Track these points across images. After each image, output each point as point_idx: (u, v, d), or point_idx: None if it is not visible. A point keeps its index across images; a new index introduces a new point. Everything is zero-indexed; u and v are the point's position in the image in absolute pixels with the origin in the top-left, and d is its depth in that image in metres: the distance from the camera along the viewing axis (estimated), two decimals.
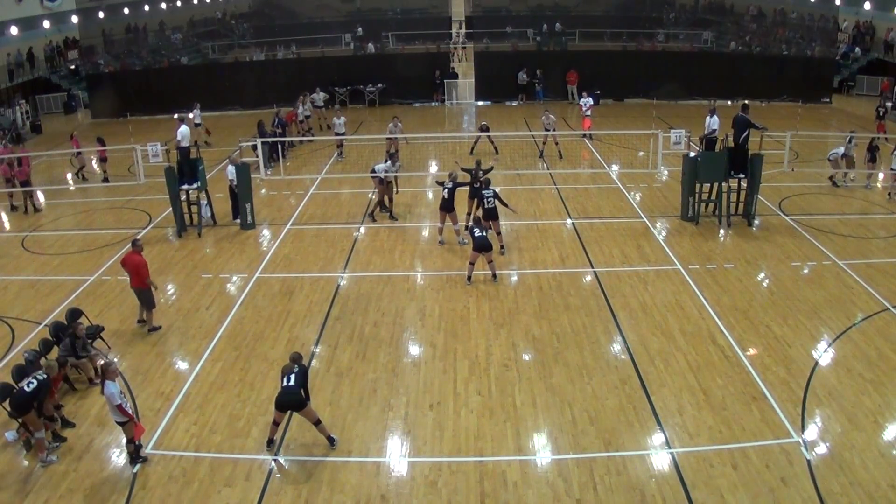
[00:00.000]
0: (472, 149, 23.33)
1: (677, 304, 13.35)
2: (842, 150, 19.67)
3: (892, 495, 8.57)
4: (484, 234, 14.19)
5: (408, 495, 8.86)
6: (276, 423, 9.65)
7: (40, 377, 9.64)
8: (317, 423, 9.60)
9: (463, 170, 17.01)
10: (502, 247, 15.78)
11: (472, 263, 14.37)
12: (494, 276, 14.40)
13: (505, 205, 15.58)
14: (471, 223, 14.84)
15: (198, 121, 26.07)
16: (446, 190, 15.85)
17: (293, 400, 9.41)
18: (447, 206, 15.95)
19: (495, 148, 23.49)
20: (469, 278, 14.37)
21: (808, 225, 17.06)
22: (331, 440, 9.69)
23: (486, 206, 15.41)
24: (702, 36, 37.61)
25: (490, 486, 8.93)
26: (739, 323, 12.67)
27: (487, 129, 23.28)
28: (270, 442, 9.73)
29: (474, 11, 40.59)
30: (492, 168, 17.33)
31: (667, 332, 12.39)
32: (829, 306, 13.22)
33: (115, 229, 18.04)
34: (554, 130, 22.97)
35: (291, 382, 9.42)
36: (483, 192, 15.48)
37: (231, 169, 17.73)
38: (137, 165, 18.94)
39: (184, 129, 17.89)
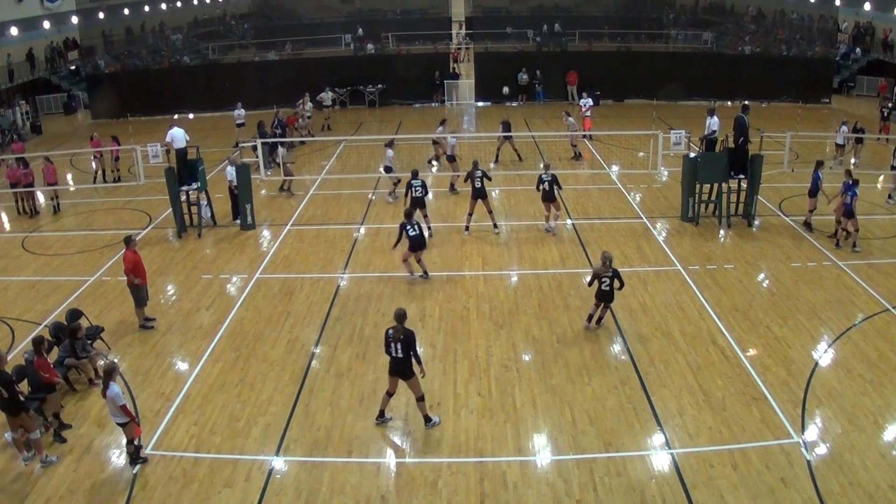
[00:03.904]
0: (517, 153, 23.12)
1: (677, 305, 13.35)
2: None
3: (893, 496, 8.57)
4: (419, 231, 13.99)
5: (408, 496, 8.85)
6: (389, 394, 10.00)
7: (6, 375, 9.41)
8: (420, 398, 9.89)
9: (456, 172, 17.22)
10: (496, 225, 16.76)
11: (405, 261, 14.37)
12: (425, 273, 14.43)
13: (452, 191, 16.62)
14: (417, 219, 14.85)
15: (240, 121, 25.55)
16: (546, 182, 16.20)
17: (402, 369, 9.74)
18: (550, 197, 16.38)
19: (501, 152, 23.38)
20: (411, 272, 14.48)
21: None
22: (427, 419, 9.97)
23: (475, 186, 16.32)
24: (702, 36, 37.64)
25: (490, 487, 8.93)
26: (739, 324, 12.67)
27: (508, 128, 23.03)
28: (381, 414, 10.09)
29: (474, 12, 40.62)
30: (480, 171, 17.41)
31: (667, 333, 12.39)
32: (829, 307, 13.22)
33: (115, 230, 18.01)
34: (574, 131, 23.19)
35: (400, 354, 9.65)
36: (412, 182, 15.95)
37: (230, 170, 17.73)
38: (137, 166, 18.96)
39: (175, 131, 17.75)
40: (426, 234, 15.52)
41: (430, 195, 16.64)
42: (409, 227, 13.87)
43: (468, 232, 16.86)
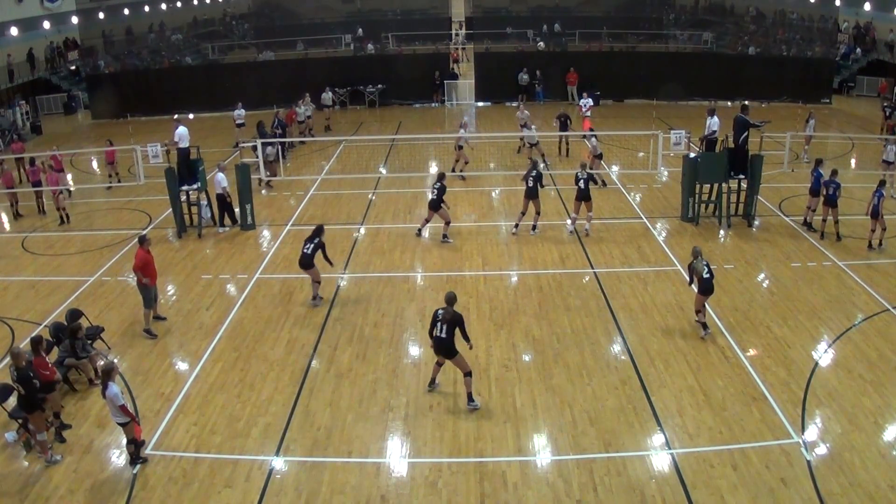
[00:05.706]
0: (560, 149, 23.72)
1: (677, 305, 13.35)
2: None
3: (893, 496, 8.57)
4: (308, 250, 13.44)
5: (408, 496, 8.86)
6: (439, 364, 10.65)
7: (14, 375, 9.49)
8: (467, 374, 10.30)
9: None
10: (535, 227, 16.89)
11: (317, 282, 13.78)
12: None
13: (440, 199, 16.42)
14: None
15: (240, 121, 25.43)
16: (581, 181, 16.30)
17: (444, 347, 10.25)
18: (584, 196, 16.40)
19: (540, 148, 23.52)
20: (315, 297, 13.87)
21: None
22: (470, 398, 10.32)
23: (528, 185, 16.52)
24: (702, 37, 37.62)
25: (490, 487, 8.93)
26: (739, 324, 12.67)
27: (566, 123, 23.04)
28: (433, 382, 10.73)
29: (474, 12, 40.58)
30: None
31: (667, 333, 12.39)
32: (829, 307, 13.22)
33: (115, 230, 18.04)
34: (530, 128, 22.82)
35: (443, 334, 10.18)
36: (434, 185, 16.41)
37: (220, 176, 17.38)
38: (137, 166, 18.95)
39: (181, 130, 17.78)
40: (422, 233, 16.97)
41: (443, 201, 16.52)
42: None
43: (536, 229, 16.97)
